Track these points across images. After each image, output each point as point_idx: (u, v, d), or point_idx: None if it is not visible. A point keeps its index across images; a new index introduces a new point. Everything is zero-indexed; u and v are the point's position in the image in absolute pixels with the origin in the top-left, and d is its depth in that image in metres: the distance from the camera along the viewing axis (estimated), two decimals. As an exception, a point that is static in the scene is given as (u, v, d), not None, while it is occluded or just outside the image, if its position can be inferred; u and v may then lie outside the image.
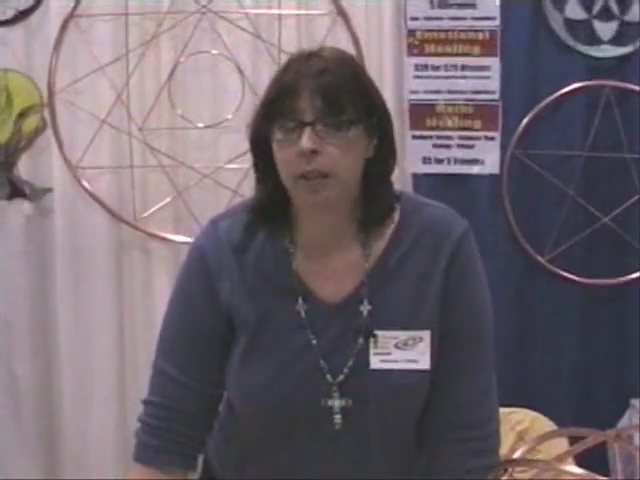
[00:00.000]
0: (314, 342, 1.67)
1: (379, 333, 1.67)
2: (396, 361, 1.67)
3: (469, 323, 1.73)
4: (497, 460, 1.75)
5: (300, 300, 1.68)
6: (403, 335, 1.67)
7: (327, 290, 1.70)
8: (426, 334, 1.68)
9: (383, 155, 1.67)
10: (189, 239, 3.45)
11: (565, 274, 3.53)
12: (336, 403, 1.68)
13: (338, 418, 1.68)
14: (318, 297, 1.69)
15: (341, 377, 1.68)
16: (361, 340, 1.68)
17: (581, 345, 3.58)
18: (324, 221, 1.68)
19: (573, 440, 2.69)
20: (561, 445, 2.74)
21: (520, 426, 2.97)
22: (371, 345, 1.67)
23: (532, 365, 3.57)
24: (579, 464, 1.40)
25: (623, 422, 3.39)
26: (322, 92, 1.57)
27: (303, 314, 1.68)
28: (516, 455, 1.96)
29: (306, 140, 1.56)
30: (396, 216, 1.71)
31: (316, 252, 1.70)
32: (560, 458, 1.56)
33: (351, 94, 1.60)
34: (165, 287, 3.50)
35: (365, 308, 1.68)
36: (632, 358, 3.56)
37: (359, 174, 1.65)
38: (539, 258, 3.53)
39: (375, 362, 1.67)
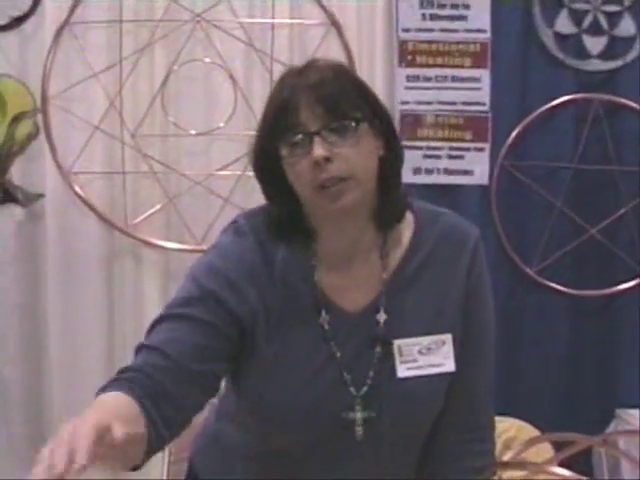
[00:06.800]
0: (338, 355, 1.66)
1: (402, 341, 1.67)
2: (422, 367, 1.67)
3: (484, 328, 1.75)
4: (494, 461, 1.79)
5: (323, 313, 1.67)
6: (425, 340, 1.68)
7: (348, 300, 1.69)
8: (448, 337, 1.68)
9: (393, 152, 1.67)
10: (180, 245, 3.48)
11: (553, 285, 3.56)
12: (358, 415, 1.68)
13: (359, 430, 1.68)
14: (340, 308, 1.68)
15: (364, 389, 1.68)
16: (378, 349, 1.68)
17: (568, 356, 3.60)
18: (346, 228, 1.67)
19: (558, 448, 2.72)
20: (547, 453, 2.76)
21: (506, 434, 2.99)
22: (396, 354, 1.67)
23: (519, 375, 3.58)
24: (564, 471, 1.43)
25: (608, 432, 3.41)
26: (321, 100, 1.57)
27: (326, 326, 1.67)
28: (505, 459, 1.99)
29: (317, 148, 1.55)
30: (412, 225, 1.71)
31: (337, 262, 1.69)
32: (546, 463, 1.59)
33: (351, 97, 1.61)
34: (155, 293, 3.52)
35: (381, 317, 1.68)
36: (618, 369, 3.59)
37: (375, 174, 1.63)
38: (527, 269, 3.55)
39: (402, 370, 1.67)
